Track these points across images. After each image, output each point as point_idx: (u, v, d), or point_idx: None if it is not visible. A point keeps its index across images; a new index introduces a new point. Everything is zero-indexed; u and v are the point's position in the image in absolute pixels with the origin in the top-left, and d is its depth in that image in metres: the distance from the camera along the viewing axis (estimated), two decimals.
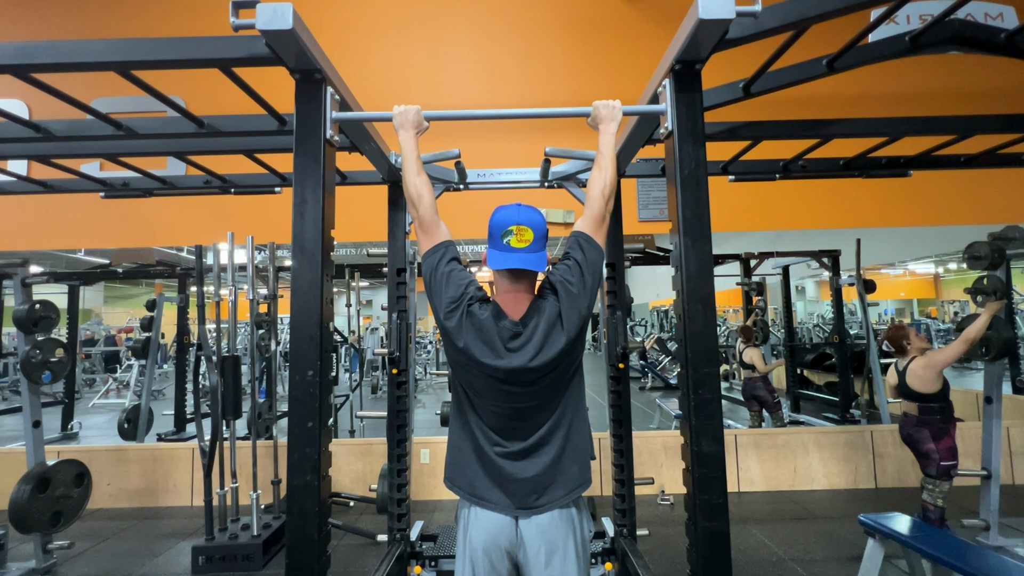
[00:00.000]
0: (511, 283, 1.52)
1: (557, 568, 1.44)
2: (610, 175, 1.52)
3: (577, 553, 1.48)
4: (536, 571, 1.45)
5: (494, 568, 1.49)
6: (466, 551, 1.52)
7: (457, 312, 1.45)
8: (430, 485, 4.10)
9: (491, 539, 1.47)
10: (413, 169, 1.56)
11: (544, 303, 1.48)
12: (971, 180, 4.05)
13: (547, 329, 1.45)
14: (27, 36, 4.30)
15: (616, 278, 2.57)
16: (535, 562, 1.45)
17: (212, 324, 3.46)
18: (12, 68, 1.54)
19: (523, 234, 1.46)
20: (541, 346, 1.44)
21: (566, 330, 1.45)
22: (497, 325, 1.46)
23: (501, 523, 1.47)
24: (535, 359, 1.43)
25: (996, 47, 1.82)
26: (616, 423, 2.54)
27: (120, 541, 3.45)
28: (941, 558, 1.98)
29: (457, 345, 1.45)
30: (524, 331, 1.46)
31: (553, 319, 1.45)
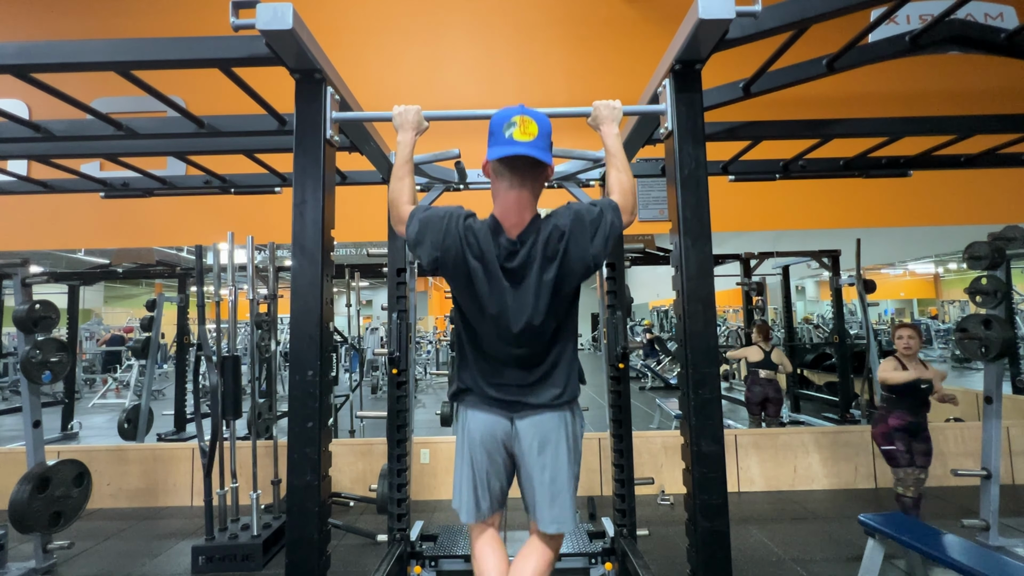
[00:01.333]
0: (511, 184, 1.46)
1: (549, 457, 1.55)
2: (631, 173, 1.56)
3: (568, 446, 1.58)
4: (530, 459, 1.55)
5: (491, 458, 1.59)
6: (464, 444, 1.62)
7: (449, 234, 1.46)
8: (430, 485, 4.09)
9: (488, 431, 1.57)
10: (398, 173, 1.58)
11: (548, 225, 1.47)
12: (971, 180, 4.05)
13: (544, 255, 1.45)
14: (27, 36, 4.30)
15: (616, 278, 2.57)
16: (528, 451, 1.55)
17: (212, 324, 3.45)
18: (12, 68, 1.54)
19: (527, 126, 1.41)
20: (537, 276, 1.45)
21: (565, 262, 1.45)
22: (495, 241, 1.46)
23: (498, 420, 1.57)
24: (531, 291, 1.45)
25: (996, 47, 1.82)
26: (616, 423, 2.54)
27: (120, 541, 3.45)
28: (941, 558, 1.98)
29: (452, 268, 1.47)
30: (521, 251, 1.46)
31: (554, 247, 1.45)
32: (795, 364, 7.36)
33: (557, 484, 1.54)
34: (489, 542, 1.63)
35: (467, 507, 1.59)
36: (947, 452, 4.18)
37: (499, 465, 1.60)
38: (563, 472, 1.55)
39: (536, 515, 1.57)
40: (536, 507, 1.56)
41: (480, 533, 1.64)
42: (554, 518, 1.54)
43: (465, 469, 1.60)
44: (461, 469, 1.62)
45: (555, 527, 1.55)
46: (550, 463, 1.54)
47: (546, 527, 1.56)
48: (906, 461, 3.06)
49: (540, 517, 1.56)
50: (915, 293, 20.93)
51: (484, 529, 1.64)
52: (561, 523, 1.55)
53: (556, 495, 1.54)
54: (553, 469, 1.54)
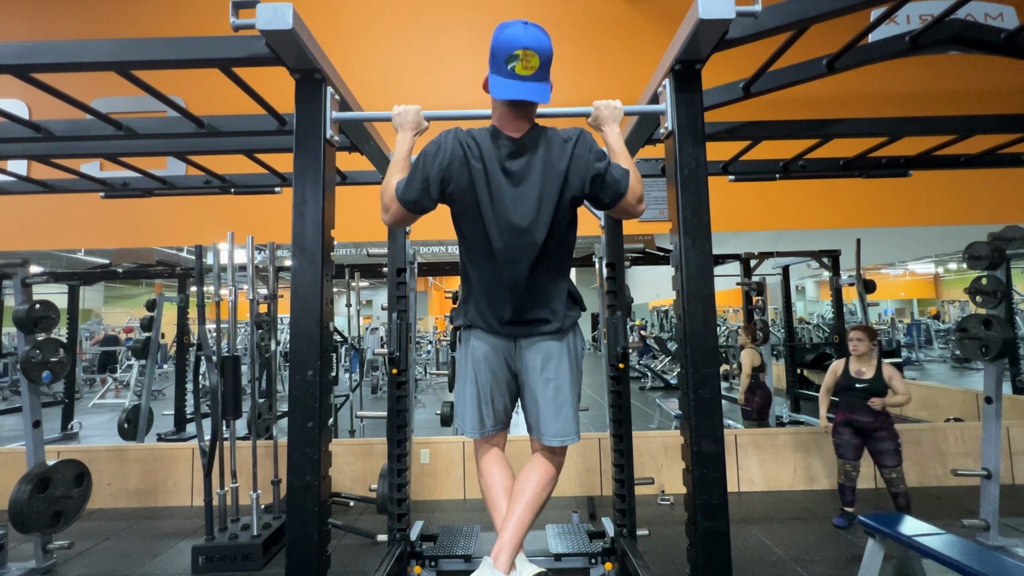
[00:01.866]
0: (512, 115, 1.53)
1: (552, 371, 1.59)
2: (636, 169, 1.57)
3: (570, 362, 1.62)
4: (533, 375, 1.60)
5: (494, 375, 1.62)
6: (468, 364, 1.65)
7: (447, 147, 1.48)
8: (430, 485, 4.10)
9: (492, 349, 1.61)
10: (394, 168, 1.58)
11: (550, 130, 1.51)
12: (971, 180, 4.05)
13: (547, 158, 1.48)
14: (27, 36, 4.30)
15: (616, 278, 2.57)
16: (532, 367, 1.60)
17: (212, 324, 3.45)
18: (12, 68, 1.54)
19: (529, 60, 1.44)
20: (541, 178, 1.47)
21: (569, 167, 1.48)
22: (495, 143, 1.49)
23: (501, 341, 1.61)
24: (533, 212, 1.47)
25: (996, 47, 1.82)
26: (616, 423, 2.54)
27: (120, 541, 3.45)
28: (941, 558, 1.98)
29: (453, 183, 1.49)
30: (523, 153, 1.49)
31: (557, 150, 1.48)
32: (795, 364, 7.36)
33: (560, 397, 1.59)
34: (494, 459, 1.66)
35: (471, 423, 1.63)
36: (947, 452, 4.18)
37: (503, 383, 1.63)
38: (566, 386, 1.60)
39: (540, 430, 1.60)
40: (540, 421, 1.60)
41: (485, 451, 1.67)
42: (558, 431, 1.58)
43: (469, 388, 1.63)
44: (464, 388, 1.65)
45: (559, 440, 1.59)
46: (553, 376, 1.59)
47: (551, 440, 1.59)
48: (849, 455, 3.34)
49: (545, 431, 1.59)
50: (915, 293, 20.92)
51: (489, 447, 1.67)
52: (565, 436, 1.59)
53: (560, 408, 1.58)
54: (556, 383, 1.59)
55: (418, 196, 1.50)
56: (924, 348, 14.67)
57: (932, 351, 14.47)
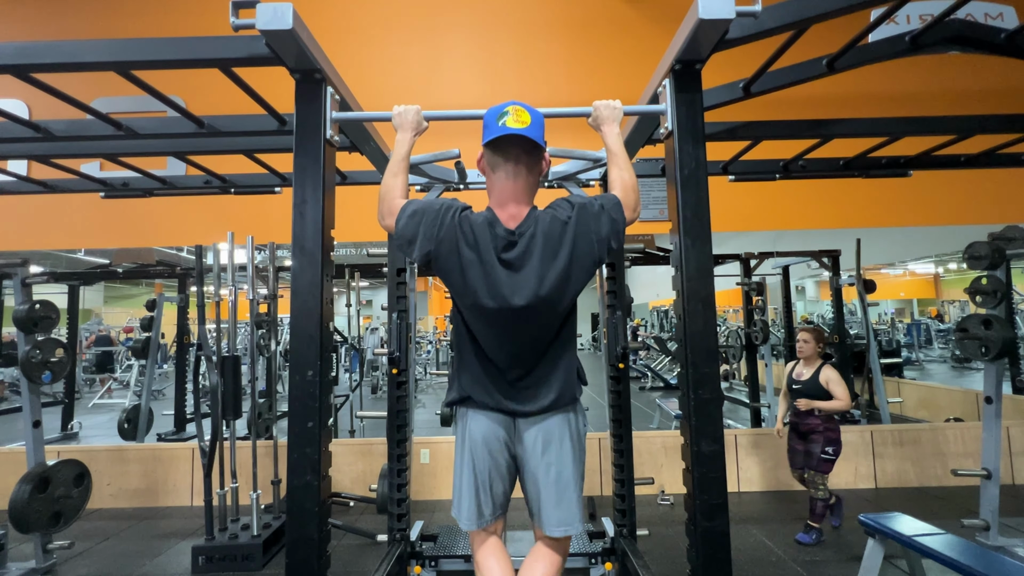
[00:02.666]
0: (506, 172, 1.45)
1: (554, 455, 1.50)
2: (632, 172, 1.54)
3: (572, 444, 1.54)
4: (533, 459, 1.51)
5: (492, 457, 1.53)
6: (465, 446, 1.56)
7: (444, 225, 1.40)
8: (430, 485, 4.09)
9: (490, 431, 1.52)
10: (393, 169, 1.55)
11: (547, 215, 1.43)
12: (971, 180, 4.05)
13: (546, 247, 1.40)
14: (27, 36, 4.30)
15: (616, 278, 2.57)
16: (532, 451, 1.51)
17: (212, 324, 3.45)
18: (12, 68, 1.54)
19: (520, 115, 1.42)
20: (539, 268, 1.40)
21: (570, 253, 1.40)
22: (491, 233, 1.41)
23: (500, 421, 1.53)
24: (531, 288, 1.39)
25: (996, 47, 1.82)
26: (616, 423, 2.54)
27: (120, 541, 3.45)
28: (941, 558, 1.98)
29: (447, 262, 1.42)
30: (519, 243, 1.41)
31: (557, 237, 1.40)
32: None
33: (562, 482, 1.49)
34: (493, 551, 1.55)
35: (468, 513, 1.52)
36: (947, 452, 4.18)
37: (502, 466, 1.54)
38: (568, 469, 1.51)
39: (542, 518, 1.51)
40: (541, 509, 1.51)
41: (482, 542, 1.57)
42: (561, 519, 1.49)
43: (466, 472, 1.53)
44: (461, 472, 1.55)
45: (562, 529, 1.50)
46: (555, 461, 1.49)
47: (552, 530, 1.50)
48: (796, 462, 3.27)
49: (546, 519, 1.50)
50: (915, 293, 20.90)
51: (486, 537, 1.57)
52: (568, 524, 1.50)
53: (562, 494, 1.49)
54: (558, 467, 1.49)
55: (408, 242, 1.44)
56: (924, 348, 14.67)
57: (932, 351, 14.46)
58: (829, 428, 3.15)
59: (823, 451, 3.11)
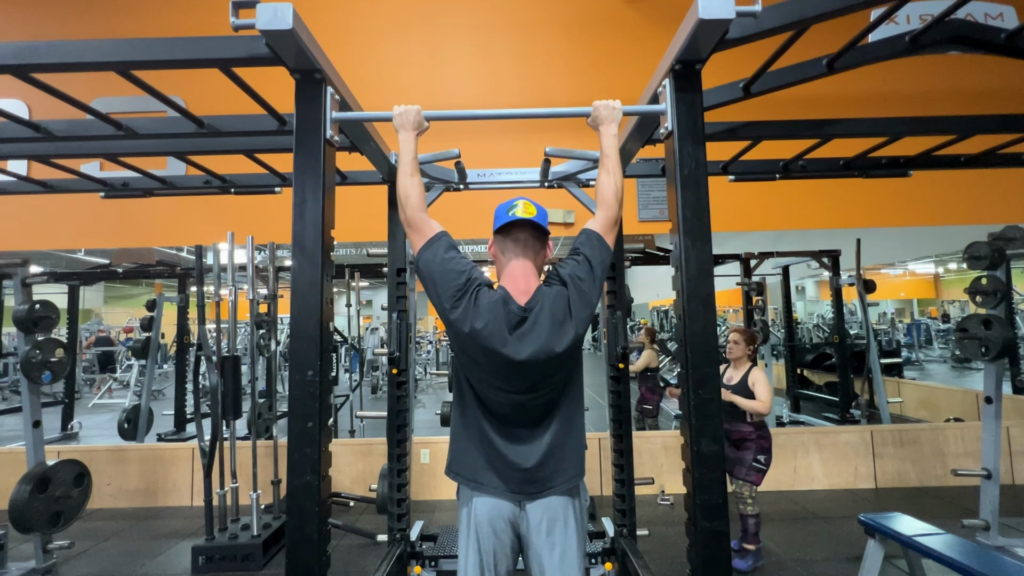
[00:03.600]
0: (516, 254, 1.54)
1: (558, 536, 1.52)
2: (620, 178, 1.55)
3: (577, 523, 1.56)
4: (538, 540, 1.53)
5: (498, 538, 1.55)
6: (471, 524, 1.57)
7: (464, 298, 1.45)
8: (430, 485, 4.09)
9: (496, 511, 1.54)
10: (407, 170, 1.56)
11: (550, 291, 1.50)
12: (971, 180, 4.05)
13: (553, 319, 1.46)
14: (27, 36, 4.30)
15: (616, 278, 2.57)
16: (537, 531, 1.53)
17: (212, 324, 3.45)
18: (12, 68, 1.54)
19: (528, 208, 1.53)
20: (547, 338, 1.45)
21: (575, 324, 1.47)
22: (505, 310, 1.46)
23: (504, 502, 1.54)
24: (541, 352, 1.43)
25: (996, 47, 1.82)
26: (616, 423, 2.54)
27: (120, 541, 3.45)
28: (941, 558, 1.98)
29: (463, 331, 1.45)
30: (529, 317, 1.47)
31: (561, 310, 1.47)
32: (795, 364, 7.36)
33: (567, 563, 1.51)
34: None
35: None
36: (947, 452, 4.18)
37: (506, 545, 1.56)
38: (572, 549, 1.53)
39: None
40: None
41: None
42: None
43: (471, 554, 1.55)
44: (467, 555, 1.56)
45: None
46: (559, 542, 1.52)
47: None
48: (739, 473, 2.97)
49: None
50: (915, 293, 20.91)
51: None
52: None
53: (567, 574, 1.51)
54: (563, 547, 1.52)
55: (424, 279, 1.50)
56: (924, 348, 14.67)
57: (932, 351, 14.47)
58: (761, 436, 2.98)
59: (755, 459, 2.95)
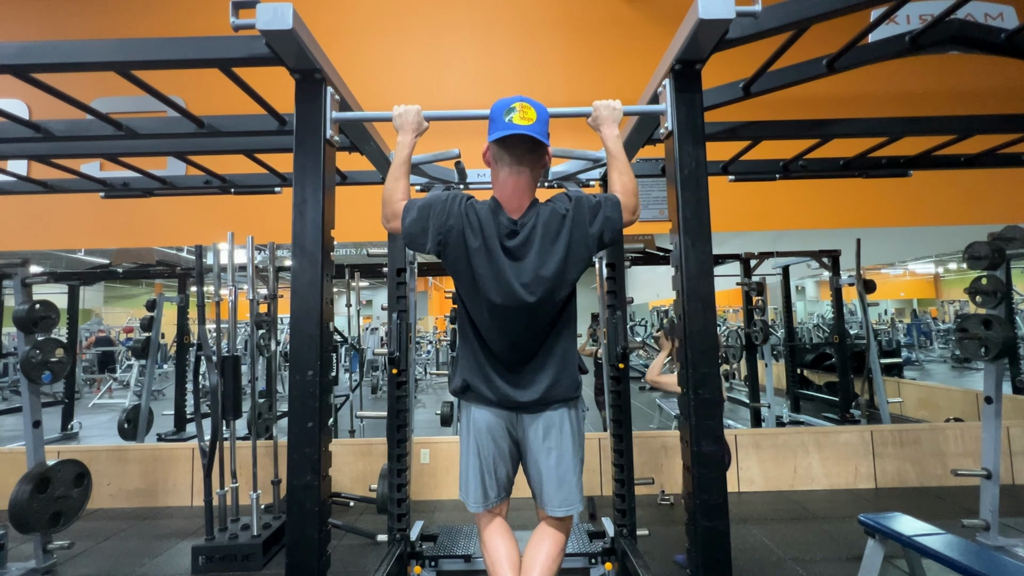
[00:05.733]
0: (511, 166, 1.53)
1: (554, 440, 1.60)
2: (632, 175, 1.58)
3: (572, 430, 1.64)
4: (535, 444, 1.61)
5: (497, 444, 1.63)
6: (470, 435, 1.66)
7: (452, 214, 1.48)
8: (430, 485, 4.09)
9: (494, 419, 1.62)
10: (395, 173, 1.59)
11: (545, 208, 1.51)
12: (971, 180, 4.04)
13: (545, 235, 1.48)
14: (27, 36, 4.30)
15: (616, 278, 2.57)
16: (533, 437, 1.61)
17: (212, 324, 3.45)
18: (12, 68, 1.54)
19: (526, 112, 1.49)
20: (537, 254, 1.47)
21: (566, 245, 1.48)
22: (495, 220, 1.49)
23: (502, 412, 1.62)
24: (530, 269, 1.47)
25: (996, 47, 1.82)
26: (616, 423, 2.54)
27: (120, 541, 3.45)
28: (941, 558, 1.98)
29: (451, 240, 1.48)
30: (521, 232, 1.49)
31: (555, 229, 1.48)
32: (795, 364, 7.36)
33: (563, 466, 1.60)
34: (498, 530, 1.68)
35: (474, 496, 1.64)
36: (947, 452, 4.18)
37: (505, 452, 1.64)
38: (568, 454, 1.60)
39: (544, 500, 1.62)
40: (543, 492, 1.61)
41: (488, 522, 1.69)
42: (562, 501, 1.60)
43: (472, 459, 1.64)
44: (467, 459, 1.66)
45: (563, 509, 1.61)
46: (555, 446, 1.59)
47: (554, 510, 1.61)
48: None
49: (548, 501, 1.61)
50: (915, 293, 20.91)
51: (492, 518, 1.69)
52: (569, 505, 1.61)
53: (563, 477, 1.59)
54: (559, 452, 1.59)
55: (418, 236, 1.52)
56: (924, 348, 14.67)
57: (932, 351, 14.46)
58: None
59: None
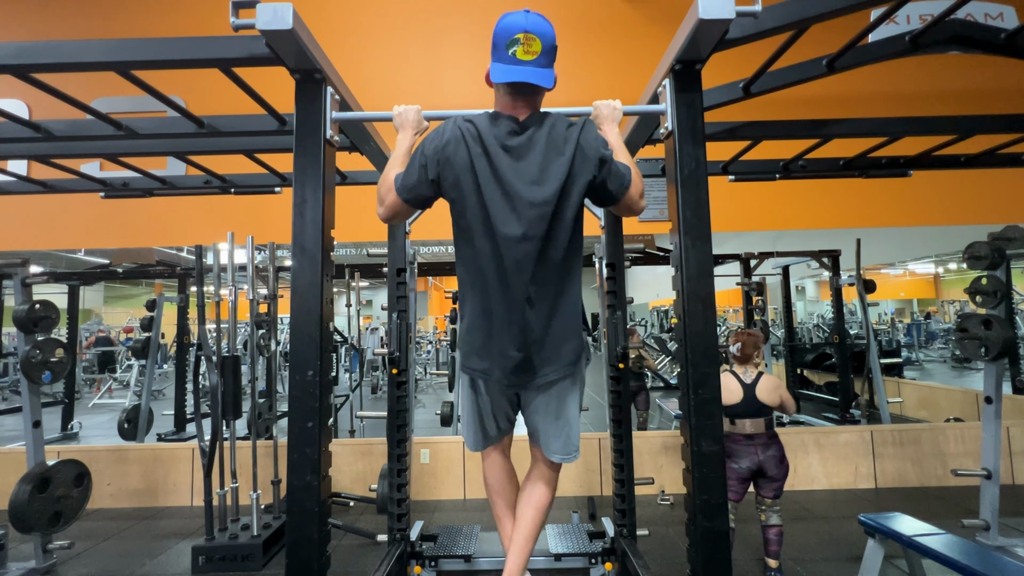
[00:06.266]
0: (513, 101, 1.51)
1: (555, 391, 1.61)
2: (637, 168, 1.57)
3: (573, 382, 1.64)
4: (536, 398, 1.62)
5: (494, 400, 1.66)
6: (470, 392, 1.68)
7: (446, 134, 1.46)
8: (430, 485, 4.09)
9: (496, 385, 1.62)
10: (392, 164, 1.58)
11: (551, 116, 1.47)
12: (971, 180, 4.05)
13: (550, 141, 1.43)
14: (27, 36, 4.30)
15: (616, 278, 2.57)
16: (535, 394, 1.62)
17: (212, 324, 3.45)
18: (12, 68, 1.54)
19: (531, 44, 1.43)
20: (542, 159, 1.42)
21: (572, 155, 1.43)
22: (495, 124, 1.45)
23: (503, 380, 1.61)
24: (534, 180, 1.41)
25: (996, 47, 1.82)
26: (616, 423, 2.54)
27: (120, 541, 3.45)
28: (941, 558, 1.98)
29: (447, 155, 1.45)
30: (524, 134, 1.44)
31: (561, 135, 1.43)
32: (795, 364, 7.36)
33: (563, 418, 1.62)
34: (497, 467, 1.77)
35: (474, 438, 1.70)
36: (947, 452, 4.18)
37: (505, 403, 1.67)
38: (568, 406, 1.63)
39: (541, 444, 1.65)
40: (541, 439, 1.65)
41: (487, 456, 1.78)
42: (559, 448, 1.64)
43: (470, 407, 1.68)
44: (466, 408, 1.69)
45: (560, 457, 1.65)
46: (556, 396, 1.61)
47: (552, 456, 1.66)
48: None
49: (546, 447, 1.65)
50: (915, 293, 20.91)
51: (491, 452, 1.77)
52: (566, 454, 1.65)
53: (562, 428, 1.62)
54: (558, 403, 1.61)
55: (416, 182, 1.48)
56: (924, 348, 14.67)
57: (932, 351, 14.46)
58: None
59: None
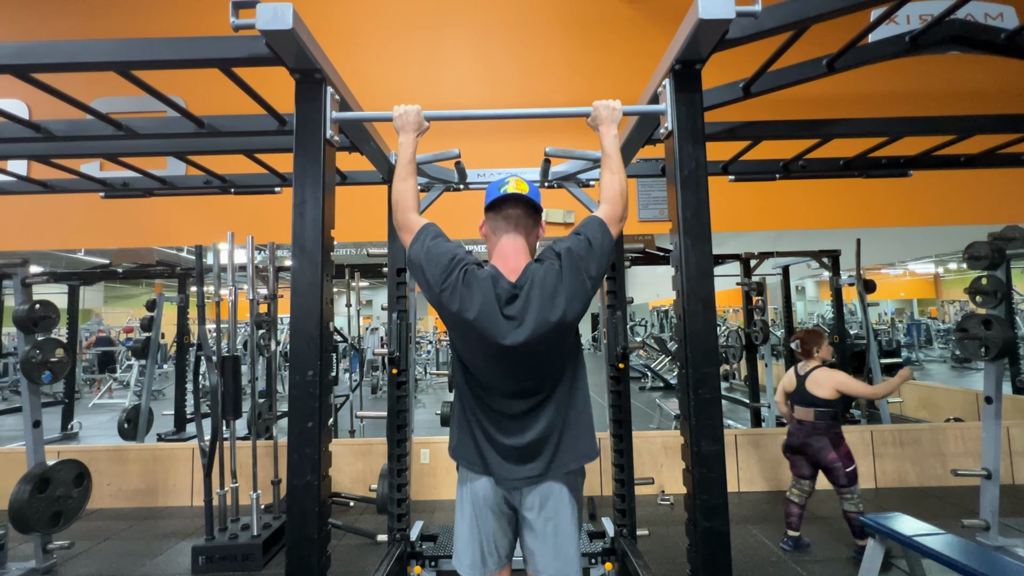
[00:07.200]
0: (507, 232, 1.54)
1: (552, 508, 1.55)
2: (623, 177, 1.54)
3: (572, 495, 1.58)
4: (532, 512, 1.55)
5: (496, 516, 1.58)
6: (467, 503, 1.61)
7: (451, 276, 1.44)
8: (430, 485, 4.09)
9: (492, 488, 1.57)
10: (401, 174, 1.57)
11: (540, 268, 1.47)
12: (971, 180, 4.05)
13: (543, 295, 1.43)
14: (27, 36, 4.30)
15: (616, 278, 2.57)
16: (530, 506, 1.55)
17: (212, 324, 3.45)
18: (12, 68, 1.54)
19: (520, 185, 1.53)
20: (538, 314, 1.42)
21: (567, 298, 1.43)
22: (495, 288, 1.45)
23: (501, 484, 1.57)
24: (533, 331, 1.41)
25: (996, 47, 1.82)
26: (616, 423, 2.54)
27: (120, 541, 3.45)
28: (941, 558, 1.98)
29: (452, 310, 1.44)
30: (520, 295, 1.45)
31: (551, 285, 1.43)
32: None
33: (560, 536, 1.53)
34: None
35: (470, 563, 1.57)
36: (947, 452, 4.18)
37: (504, 522, 1.58)
38: (566, 523, 1.54)
39: (537, 566, 1.54)
40: (537, 559, 1.54)
41: None
42: (557, 570, 1.52)
43: (471, 530, 1.57)
44: (463, 528, 1.59)
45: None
46: (553, 515, 1.53)
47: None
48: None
49: (543, 568, 1.53)
50: (915, 293, 20.91)
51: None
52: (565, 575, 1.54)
53: (559, 547, 1.52)
54: (556, 521, 1.53)
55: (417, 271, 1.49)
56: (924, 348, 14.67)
57: (932, 351, 14.46)
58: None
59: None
